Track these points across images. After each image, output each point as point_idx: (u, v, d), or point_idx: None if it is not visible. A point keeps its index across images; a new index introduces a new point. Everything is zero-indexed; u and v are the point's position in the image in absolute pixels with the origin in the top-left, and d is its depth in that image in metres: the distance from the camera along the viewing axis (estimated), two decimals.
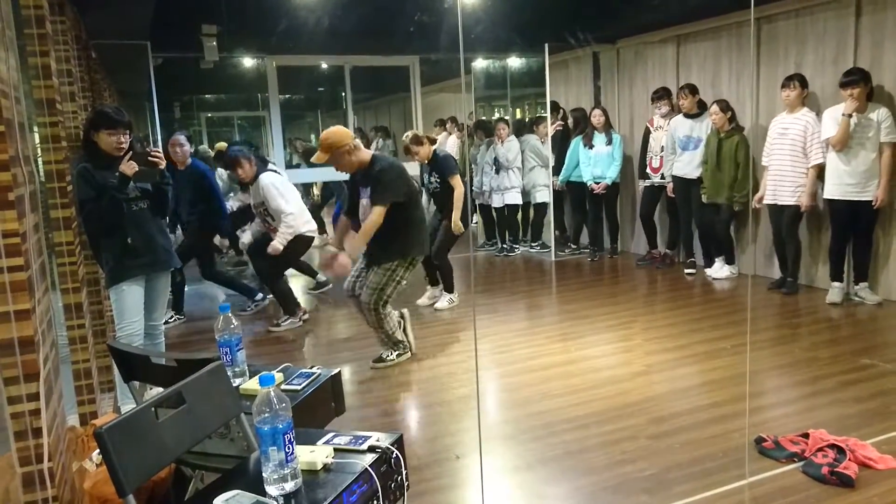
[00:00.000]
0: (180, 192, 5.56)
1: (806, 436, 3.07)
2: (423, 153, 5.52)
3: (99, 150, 3.41)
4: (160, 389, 2.16)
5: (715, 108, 5.94)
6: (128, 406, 3.43)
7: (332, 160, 4.18)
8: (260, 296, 5.93)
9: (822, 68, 5.57)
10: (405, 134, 5.73)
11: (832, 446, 2.94)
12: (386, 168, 4.19)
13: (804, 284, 5.79)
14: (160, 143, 6.40)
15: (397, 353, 4.44)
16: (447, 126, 10.53)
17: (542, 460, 3.09)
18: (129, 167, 3.37)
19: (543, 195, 7.80)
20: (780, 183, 5.50)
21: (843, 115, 4.94)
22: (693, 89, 6.34)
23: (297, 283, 6.42)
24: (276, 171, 5.50)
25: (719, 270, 6.27)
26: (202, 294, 6.61)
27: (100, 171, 3.37)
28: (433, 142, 5.65)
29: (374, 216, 4.09)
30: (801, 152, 5.38)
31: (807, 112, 5.38)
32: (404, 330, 4.52)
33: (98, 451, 2.31)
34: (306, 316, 5.59)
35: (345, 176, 4.56)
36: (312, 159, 4.28)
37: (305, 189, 10.15)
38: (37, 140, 3.09)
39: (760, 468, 2.90)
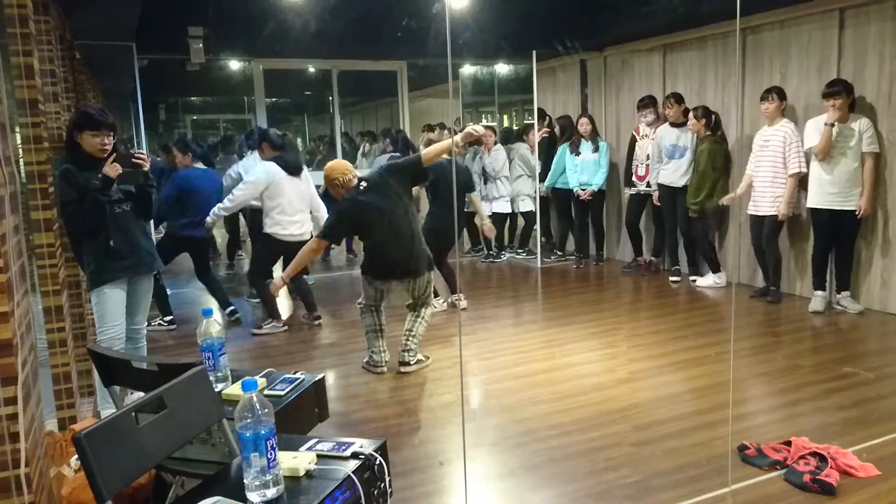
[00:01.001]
0: (181, 195, 5.47)
1: (788, 443, 3.08)
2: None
3: (82, 151, 3.37)
4: (141, 394, 2.13)
5: (691, 114, 6.10)
6: (108, 411, 3.39)
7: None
8: (231, 309, 5.75)
9: (806, 79, 5.63)
10: (423, 133, 5.78)
11: (814, 454, 2.96)
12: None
13: (787, 293, 5.84)
14: (144, 145, 6.36)
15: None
16: (435, 132, 10.55)
17: (526, 467, 3.08)
18: (112, 169, 3.33)
19: (528, 204, 7.82)
20: (761, 194, 5.56)
21: (826, 124, 5.00)
22: (679, 98, 6.40)
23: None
24: (285, 166, 5.32)
25: (706, 279, 6.31)
26: (184, 298, 6.56)
27: (83, 172, 3.33)
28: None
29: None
30: (782, 163, 5.44)
31: (786, 123, 5.45)
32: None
33: (76, 456, 2.28)
34: (319, 321, 5.61)
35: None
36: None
37: None
38: (18, 141, 3.05)
39: (743, 476, 2.91)
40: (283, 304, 6.22)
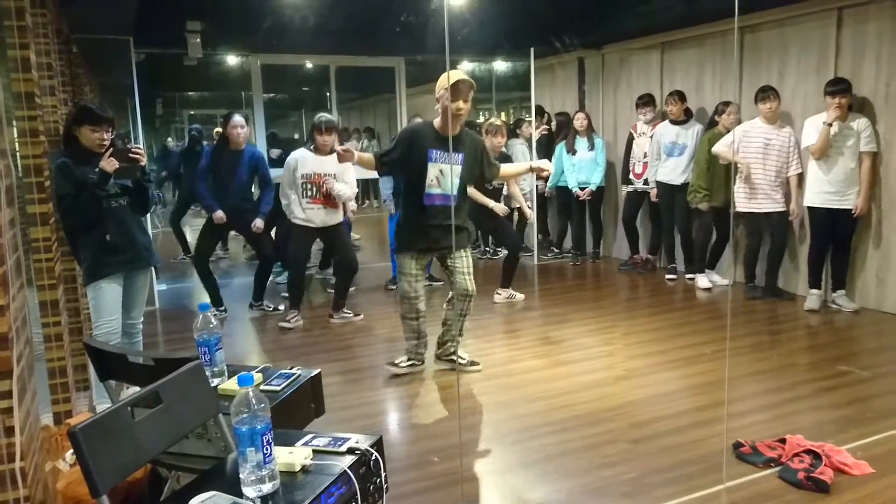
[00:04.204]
0: (231, 175, 5.44)
1: (783, 441, 3.09)
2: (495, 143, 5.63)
3: (80, 145, 3.37)
4: (137, 389, 2.13)
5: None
6: (103, 405, 3.39)
7: None
8: (223, 308, 5.76)
9: (804, 77, 5.64)
10: (489, 120, 5.81)
11: (809, 452, 2.97)
12: None
13: (783, 291, 5.84)
14: (141, 140, 6.35)
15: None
16: None
17: (523, 464, 3.09)
18: (109, 164, 3.32)
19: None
20: (764, 192, 5.54)
21: (824, 123, 5.00)
22: (682, 96, 6.38)
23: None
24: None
25: (704, 277, 6.27)
26: (178, 292, 6.55)
27: (80, 166, 3.33)
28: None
29: None
30: (785, 164, 5.46)
31: (785, 126, 5.53)
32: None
33: (72, 450, 2.27)
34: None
35: None
36: None
37: None
38: (15, 134, 3.04)
39: (738, 473, 2.92)
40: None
